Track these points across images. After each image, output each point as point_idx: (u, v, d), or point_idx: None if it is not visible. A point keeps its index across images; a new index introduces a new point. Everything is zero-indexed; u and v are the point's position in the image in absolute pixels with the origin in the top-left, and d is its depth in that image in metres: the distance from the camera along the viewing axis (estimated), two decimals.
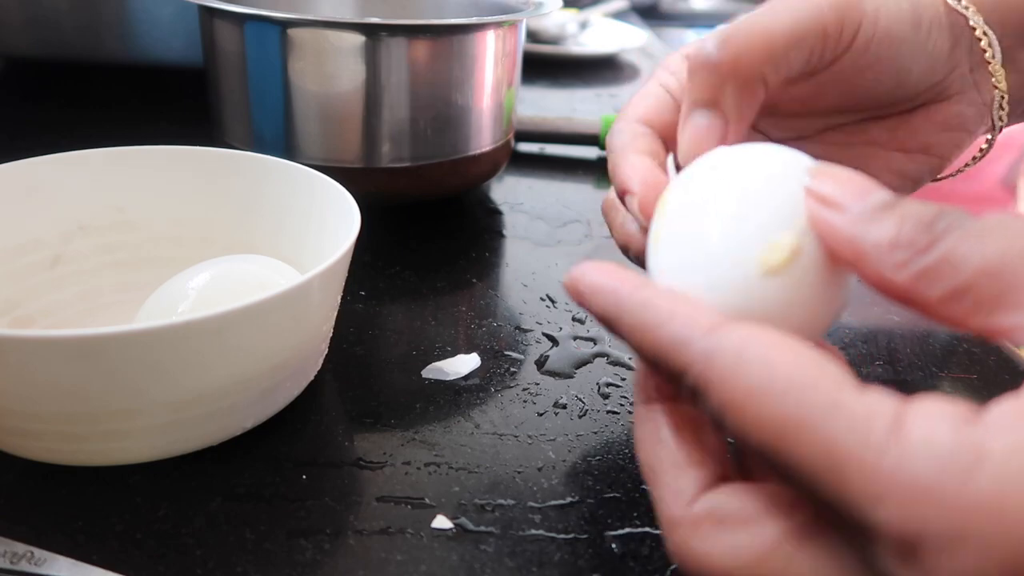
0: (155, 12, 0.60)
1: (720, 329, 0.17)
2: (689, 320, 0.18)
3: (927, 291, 0.16)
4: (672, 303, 0.18)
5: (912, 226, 0.16)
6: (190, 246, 0.37)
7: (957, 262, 0.16)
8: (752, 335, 0.17)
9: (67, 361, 0.23)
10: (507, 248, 0.47)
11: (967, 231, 0.16)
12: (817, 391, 0.15)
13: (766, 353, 0.16)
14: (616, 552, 0.26)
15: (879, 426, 0.14)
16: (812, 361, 0.16)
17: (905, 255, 0.16)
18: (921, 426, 0.14)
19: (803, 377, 0.15)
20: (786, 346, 0.16)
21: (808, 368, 0.16)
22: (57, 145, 0.35)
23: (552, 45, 0.94)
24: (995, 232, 0.16)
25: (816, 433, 0.15)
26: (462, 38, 0.43)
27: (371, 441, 0.30)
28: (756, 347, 0.16)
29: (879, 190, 0.18)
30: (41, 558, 0.24)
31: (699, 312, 0.18)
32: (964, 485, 0.13)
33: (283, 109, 0.43)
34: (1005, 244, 0.15)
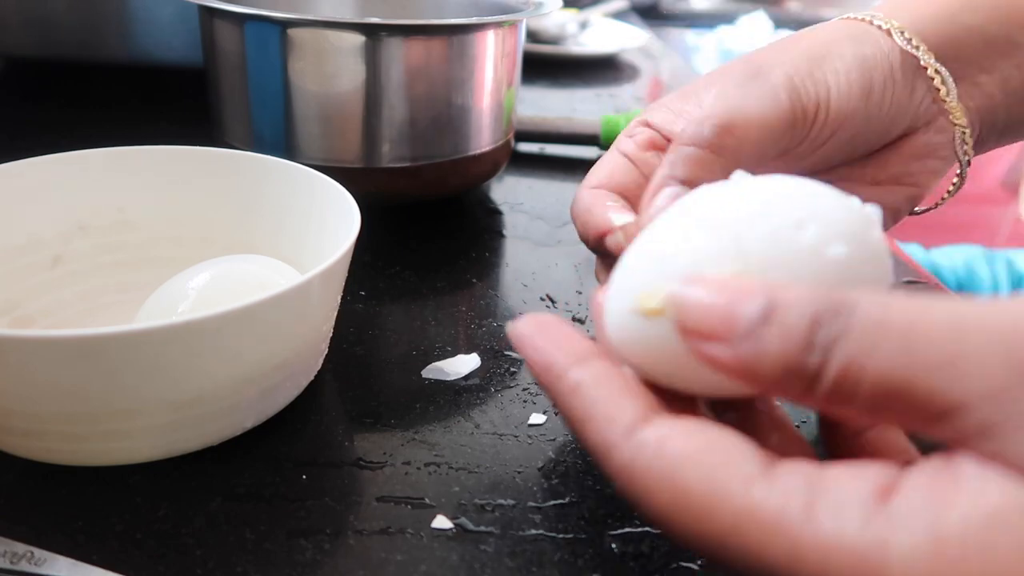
0: (155, 12, 0.60)
1: (640, 434, 0.17)
2: (608, 423, 0.17)
3: (843, 409, 0.16)
4: (598, 396, 0.18)
5: (796, 345, 0.15)
6: (190, 246, 0.37)
7: (852, 387, 0.15)
8: (664, 439, 0.16)
9: (67, 361, 0.23)
10: (507, 248, 0.47)
11: (851, 347, 0.15)
12: (732, 497, 0.15)
13: (676, 459, 0.16)
14: (616, 552, 0.26)
15: (793, 526, 0.14)
16: (719, 457, 0.16)
17: (801, 385, 0.15)
18: (830, 517, 0.14)
19: (713, 484, 0.15)
20: (693, 443, 0.16)
21: (716, 471, 0.16)
22: (57, 145, 0.35)
23: (552, 45, 0.94)
24: (880, 341, 0.15)
25: (744, 545, 0.15)
26: (462, 38, 0.43)
27: (371, 441, 0.30)
28: (668, 455, 0.16)
29: (750, 298, 0.16)
30: (41, 558, 0.24)
31: (623, 410, 0.17)
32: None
33: (283, 109, 0.43)
34: (892, 354, 0.14)
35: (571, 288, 0.43)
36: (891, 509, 0.14)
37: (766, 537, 0.14)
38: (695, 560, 0.26)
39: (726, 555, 0.15)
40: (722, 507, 0.15)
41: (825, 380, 0.15)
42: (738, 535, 0.15)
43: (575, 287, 0.43)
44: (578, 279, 0.44)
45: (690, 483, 0.16)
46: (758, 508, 0.15)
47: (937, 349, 0.14)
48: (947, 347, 0.14)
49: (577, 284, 0.43)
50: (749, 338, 0.16)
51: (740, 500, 0.15)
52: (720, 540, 0.15)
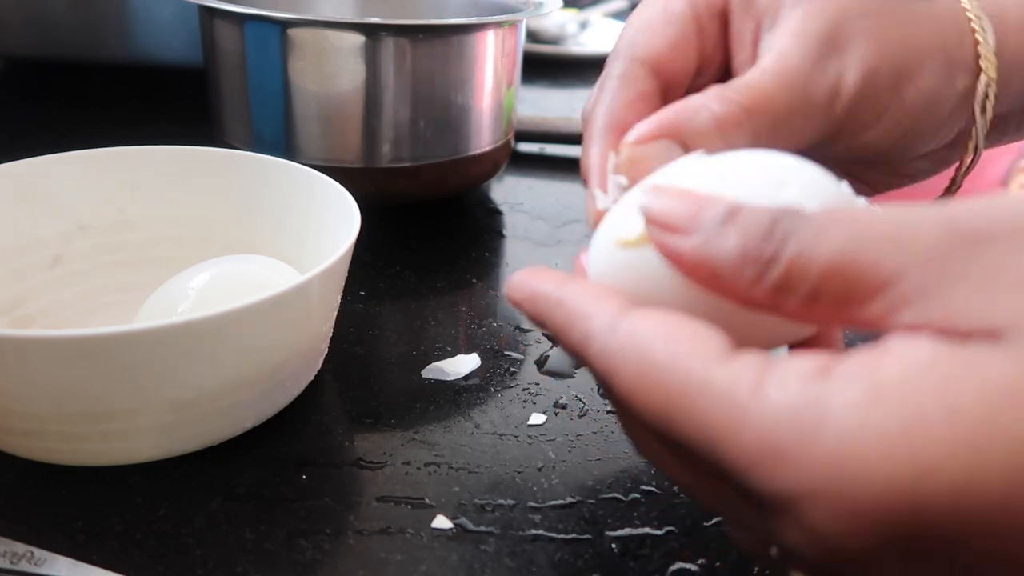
0: (155, 12, 0.60)
1: (616, 323, 0.17)
2: (591, 318, 0.18)
3: (785, 301, 0.16)
4: (579, 300, 0.19)
5: (754, 236, 0.16)
6: (190, 246, 0.37)
7: (803, 267, 0.16)
8: (637, 323, 0.17)
9: (67, 361, 0.23)
10: (507, 248, 0.47)
11: (805, 233, 0.16)
12: (689, 370, 0.16)
13: (646, 339, 0.17)
14: (616, 552, 0.26)
15: (741, 395, 0.15)
16: (685, 337, 0.16)
17: (755, 270, 0.16)
18: (776, 387, 0.15)
19: (675, 358, 0.16)
20: (664, 326, 0.17)
21: (680, 347, 0.16)
22: (57, 145, 0.35)
23: (552, 45, 0.94)
24: (831, 226, 0.16)
25: (692, 411, 0.15)
26: (462, 38, 0.43)
27: (371, 441, 0.30)
28: (639, 336, 0.17)
29: (715, 201, 0.17)
30: (41, 558, 0.24)
31: (601, 307, 0.18)
32: (809, 445, 0.14)
33: (283, 109, 0.43)
34: (841, 237, 0.15)
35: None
36: (829, 376, 0.15)
37: (712, 405, 0.15)
38: (695, 560, 0.26)
39: (672, 426, 0.16)
40: (678, 377, 0.16)
41: (778, 265, 0.16)
42: (687, 403, 0.15)
43: None
44: None
45: (655, 357, 0.16)
46: (710, 380, 0.15)
47: (881, 227, 0.15)
48: (890, 225, 0.15)
49: None
50: (711, 230, 0.17)
51: (696, 373, 0.15)
52: (669, 408, 0.16)
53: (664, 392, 0.16)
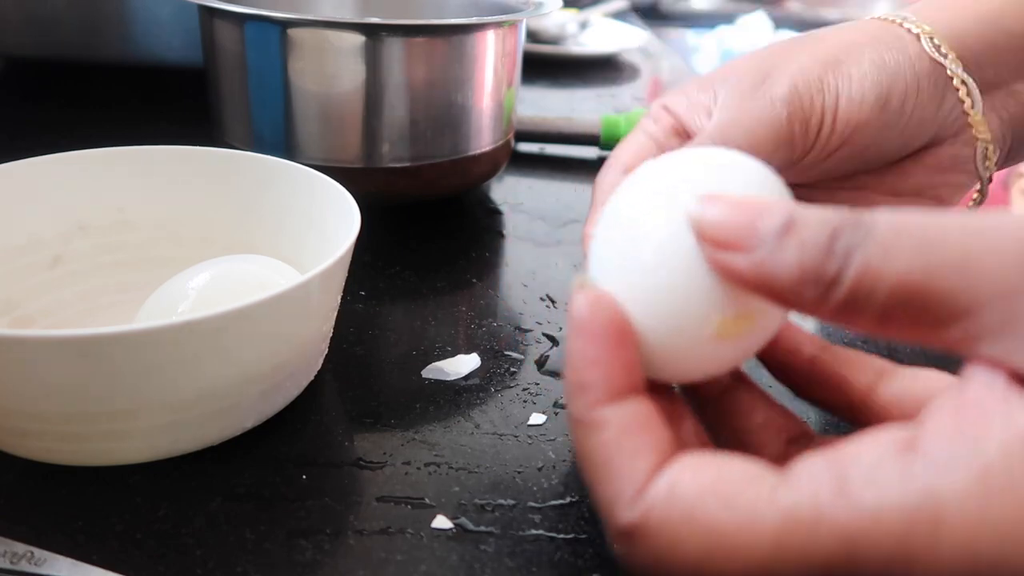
0: (155, 12, 0.60)
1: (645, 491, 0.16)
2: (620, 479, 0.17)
3: (855, 319, 0.16)
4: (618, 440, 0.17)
5: (814, 254, 0.16)
6: (190, 246, 0.37)
7: (868, 290, 0.15)
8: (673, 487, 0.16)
9: (67, 361, 0.23)
10: (507, 248, 0.47)
11: (869, 251, 0.15)
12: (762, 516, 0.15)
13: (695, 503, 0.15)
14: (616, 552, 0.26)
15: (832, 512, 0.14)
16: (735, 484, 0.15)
17: (817, 291, 0.16)
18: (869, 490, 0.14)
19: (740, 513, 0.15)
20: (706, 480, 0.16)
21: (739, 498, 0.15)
22: (57, 145, 0.35)
23: (552, 45, 0.94)
24: (895, 246, 0.15)
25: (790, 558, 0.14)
26: (462, 38, 0.43)
27: (371, 441, 0.30)
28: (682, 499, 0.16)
29: (771, 212, 0.17)
30: (41, 558, 0.24)
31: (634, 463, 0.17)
32: (933, 547, 0.13)
33: (283, 109, 0.43)
34: (907, 261, 0.15)
35: (571, 288, 0.43)
36: (923, 459, 0.14)
37: (811, 537, 0.14)
38: None
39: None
40: (757, 527, 0.15)
41: (842, 286, 0.15)
42: (784, 548, 0.14)
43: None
44: None
45: (716, 516, 0.15)
46: (792, 510, 0.14)
47: (952, 250, 0.14)
48: (962, 248, 0.14)
49: None
50: (768, 246, 0.16)
51: (772, 512, 0.15)
52: (767, 562, 0.14)
53: (748, 550, 0.15)
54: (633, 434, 0.17)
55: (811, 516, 0.14)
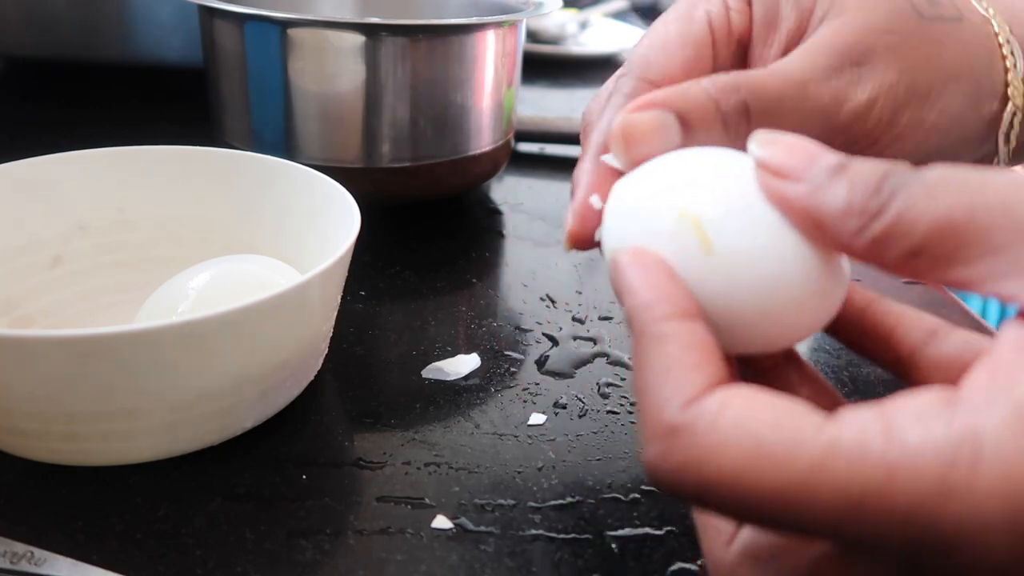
0: (155, 12, 0.60)
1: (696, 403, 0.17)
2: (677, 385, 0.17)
3: (885, 254, 0.17)
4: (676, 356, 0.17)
5: (862, 190, 0.17)
6: (190, 246, 0.37)
7: (909, 224, 0.16)
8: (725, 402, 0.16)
9: (67, 361, 0.23)
10: (507, 248, 0.47)
11: (914, 191, 0.16)
12: (806, 440, 0.15)
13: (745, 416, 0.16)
14: (616, 552, 0.26)
15: (876, 448, 0.14)
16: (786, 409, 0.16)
17: (859, 222, 0.17)
18: (911, 430, 0.14)
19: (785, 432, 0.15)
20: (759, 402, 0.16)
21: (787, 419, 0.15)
22: (57, 145, 0.35)
23: (552, 45, 0.94)
24: (941, 188, 0.16)
25: (826, 485, 0.15)
26: (462, 38, 0.43)
27: (371, 441, 0.30)
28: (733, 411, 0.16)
29: (827, 152, 0.18)
30: (41, 558, 0.24)
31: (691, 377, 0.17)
32: (975, 480, 0.13)
33: (283, 109, 0.43)
34: (952, 200, 0.16)
35: (571, 288, 0.43)
36: (963, 405, 0.14)
37: (852, 467, 0.14)
38: (695, 560, 0.26)
39: (808, 504, 0.15)
40: (800, 448, 0.15)
41: (883, 219, 0.16)
42: (824, 470, 0.14)
43: (575, 287, 0.43)
44: (578, 279, 0.44)
45: (761, 432, 0.15)
46: (836, 441, 0.15)
47: (997, 193, 0.15)
48: (1006, 191, 0.15)
49: (577, 284, 0.43)
50: (821, 178, 0.17)
51: (818, 440, 0.15)
52: (802, 485, 0.15)
53: (787, 469, 0.15)
54: (695, 351, 0.18)
55: (855, 447, 0.15)
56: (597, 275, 0.45)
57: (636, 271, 0.19)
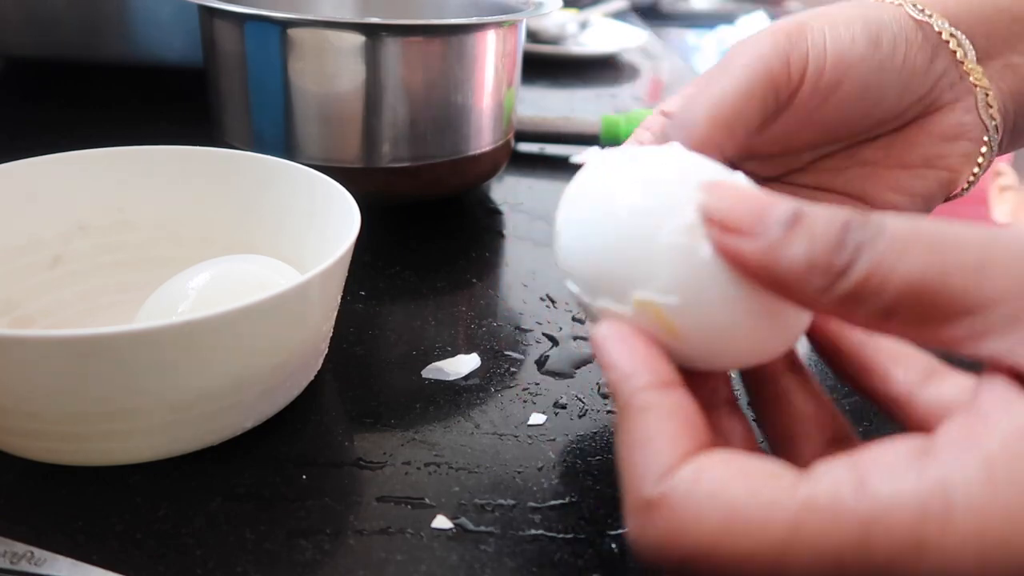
0: (155, 12, 0.60)
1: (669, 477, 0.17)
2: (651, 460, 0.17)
3: (853, 313, 0.16)
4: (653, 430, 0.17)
5: (823, 245, 0.16)
6: (190, 246, 0.37)
7: (878, 284, 0.15)
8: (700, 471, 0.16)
9: (67, 361, 0.23)
10: (507, 248, 0.47)
11: (881, 246, 0.15)
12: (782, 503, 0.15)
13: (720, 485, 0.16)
14: (616, 552, 0.26)
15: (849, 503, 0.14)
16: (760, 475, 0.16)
17: (824, 280, 0.16)
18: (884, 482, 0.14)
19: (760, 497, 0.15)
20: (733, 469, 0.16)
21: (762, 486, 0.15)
22: (57, 145, 0.35)
23: (552, 45, 0.94)
24: (911, 245, 0.15)
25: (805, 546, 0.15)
26: (462, 38, 0.43)
27: (371, 441, 0.30)
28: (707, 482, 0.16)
29: (780, 202, 0.17)
30: (41, 558, 0.24)
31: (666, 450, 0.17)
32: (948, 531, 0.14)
33: (283, 109, 0.43)
34: (923, 259, 0.15)
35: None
36: (935, 458, 0.14)
37: (828, 526, 0.14)
38: None
39: (789, 566, 0.15)
40: (776, 511, 0.15)
41: (849, 279, 0.16)
42: (800, 531, 0.15)
43: None
44: None
45: (737, 498, 0.15)
46: (811, 500, 0.15)
47: (969, 252, 0.15)
48: (979, 250, 0.15)
49: None
50: (776, 233, 0.16)
51: (792, 501, 0.15)
52: (780, 548, 0.15)
53: (762, 533, 0.15)
54: (676, 421, 0.17)
55: (829, 505, 0.15)
56: None
57: (615, 345, 0.19)
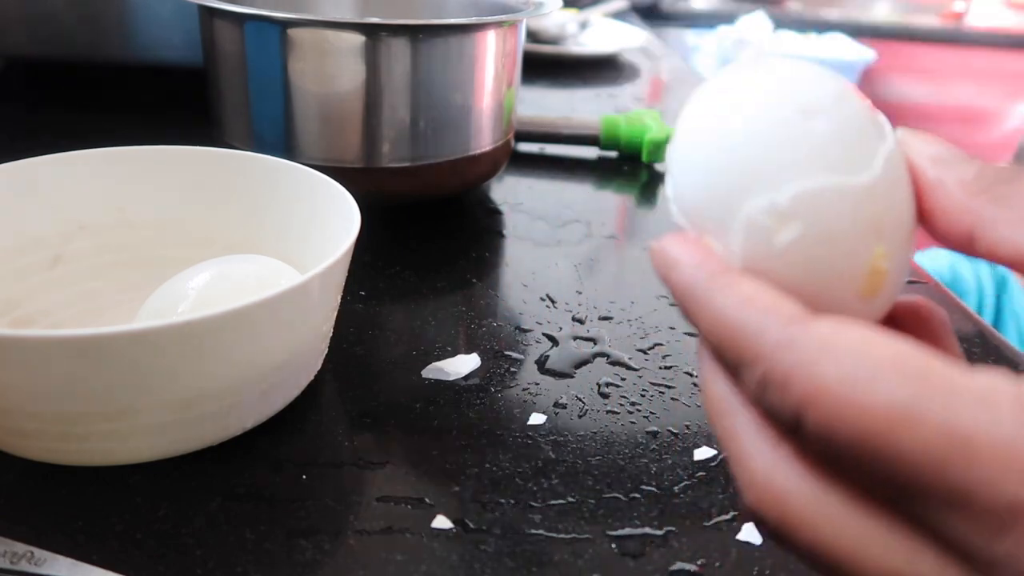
0: (155, 11, 0.60)
1: (804, 320, 0.15)
2: (767, 309, 0.16)
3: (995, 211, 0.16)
4: (754, 290, 0.16)
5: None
6: (190, 246, 0.37)
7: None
8: (841, 326, 0.15)
9: (67, 361, 0.23)
10: (507, 248, 0.47)
11: None
12: (928, 374, 0.14)
13: (861, 340, 0.14)
14: (616, 552, 0.26)
15: (1005, 401, 0.13)
16: (912, 347, 0.14)
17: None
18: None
19: (909, 361, 0.14)
20: (881, 335, 0.15)
21: (911, 353, 0.14)
22: (57, 145, 0.35)
23: (552, 45, 0.94)
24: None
25: (935, 416, 0.13)
26: (462, 38, 0.43)
27: (371, 441, 0.30)
28: (848, 336, 0.15)
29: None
30: (41, 558, 0.24)
31: (781, 303, 0.16)
32: None
33: (283, 109, 0.43)
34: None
35: (571, 288, 0.43)
36: None
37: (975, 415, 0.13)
38: (695, 560, 0.26)
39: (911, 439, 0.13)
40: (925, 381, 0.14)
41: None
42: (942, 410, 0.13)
43: (575, 287, 0.43)
44: (578, 279, 0.44)
45: (880, 353, 0.14)
46: (966, 385, 0.13)
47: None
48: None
49: (577, 284, 0.43)
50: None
51: (944, 377, 0.14)
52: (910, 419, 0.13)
53: (891, 397, 0.14)
54: (767, 293, 0.16)
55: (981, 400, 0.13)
56: (597, 275, 0.45)
57: (679, 246, 0.18)
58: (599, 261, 0.47)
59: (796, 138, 0.17)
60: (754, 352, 0.15)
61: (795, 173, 0.17)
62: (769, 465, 0.16)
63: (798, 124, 0.17)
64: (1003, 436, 0.13)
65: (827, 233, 0.17)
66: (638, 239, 0.51)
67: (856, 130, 0.17)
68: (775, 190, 0.17)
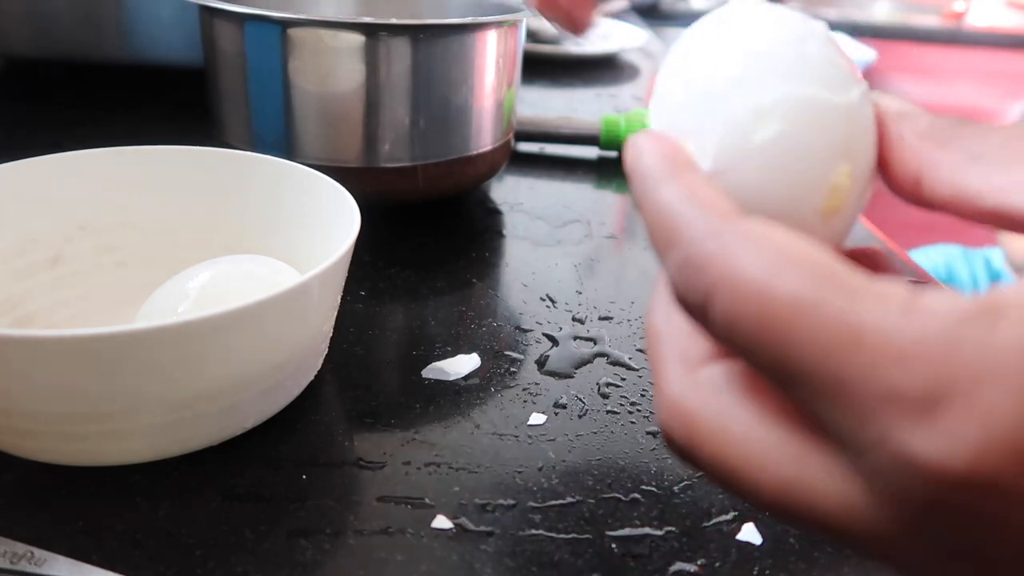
0: (155, 11, 0.60)
1: (737, 217, 0.16)
2: (707, 203, 0.16)
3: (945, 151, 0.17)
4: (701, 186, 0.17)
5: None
6: (190, 246, 0.37)
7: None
8: (770, 227, 0.15)
9: (67, 361, 0.23)
10: (507, 248, 0.47)
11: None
12: (834, 274, 0.14)
13: (783, 240, 0.15)
14: (616, 552, 0.26)
15: (897, 300, 0.14)
16: (828, 254, 0.15)
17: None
18: (938, 298, 0.14)
19: (819, 261, 0.15)
20: (804, 241, 0.15)
21: (825, 257, 0.15)
22: (57, 145, 0.35)
23: (552, 45, 0.94)
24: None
25: (832, 309, 0.14)
26: (462, 38, 0.43)
27: (371, 441, 0.30)
28: (772, 235, 0.15)
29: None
30: (41, 558, 0.24)
31: (722, 201, 0.16)
32: (986, 335, 0.13)
33: (283, 109, 0.43)
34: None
35: (571, 288, 0.43)
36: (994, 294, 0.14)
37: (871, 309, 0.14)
38: (695, 560, 0.26)
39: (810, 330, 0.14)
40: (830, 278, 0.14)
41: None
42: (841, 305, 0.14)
43: (575, 287, 0.43)
44: (578, 279, 0.44)
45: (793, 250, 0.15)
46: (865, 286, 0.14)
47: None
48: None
49: (577, 284, 0.43)
50: None
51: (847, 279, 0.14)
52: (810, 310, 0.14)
53: (797, 288, 0.14)
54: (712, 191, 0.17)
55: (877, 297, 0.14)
56: (597, 275, 0.45)
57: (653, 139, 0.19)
58: (599, 261, 0.47)
59: (788, 54, 0.18)
60: (683, 236, 0.16)
61: (782, 81, 0.18)
62: (683, 387, 0.17)
63: (791, 44, 0.18)
64: (887, 327, 0.14)
65: (801, 139, 0.18)
66: (638, 239, 0.51)
67: (839, 64, 0.19)
68: (761, 91, 0.18)
